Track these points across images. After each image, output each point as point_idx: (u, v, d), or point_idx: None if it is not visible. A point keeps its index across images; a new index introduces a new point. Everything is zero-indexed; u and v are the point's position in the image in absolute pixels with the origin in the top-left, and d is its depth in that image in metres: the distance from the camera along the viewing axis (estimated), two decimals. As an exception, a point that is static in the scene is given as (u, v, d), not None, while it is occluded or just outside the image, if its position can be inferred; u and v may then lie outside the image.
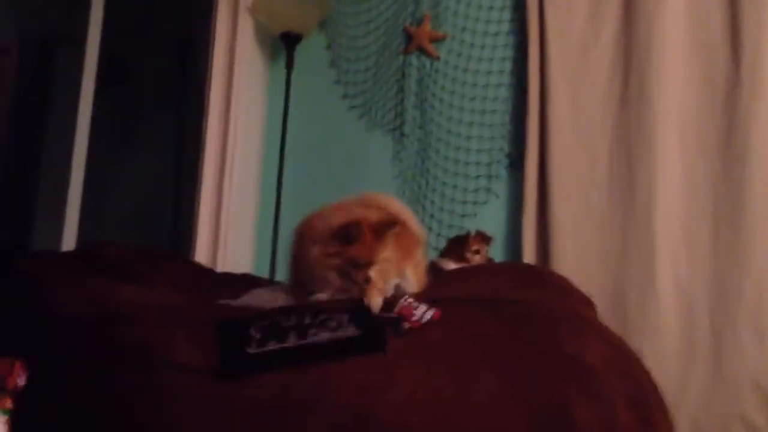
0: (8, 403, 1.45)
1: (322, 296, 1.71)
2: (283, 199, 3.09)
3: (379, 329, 1.57)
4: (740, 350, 2.38)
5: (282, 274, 2.85)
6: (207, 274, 2.36)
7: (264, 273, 2.98)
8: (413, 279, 1.84)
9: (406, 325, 1.57)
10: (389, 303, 1.62)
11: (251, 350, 1.50)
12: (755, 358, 2.37)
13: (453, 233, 2.72)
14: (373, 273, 1.68)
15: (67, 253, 2.20)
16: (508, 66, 2.94)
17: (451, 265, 2.32)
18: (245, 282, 2.27)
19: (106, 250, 1.95)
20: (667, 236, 2.52)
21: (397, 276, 1.78)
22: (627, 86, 2.65)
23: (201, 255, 3.05)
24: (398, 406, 1.47)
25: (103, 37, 2.94)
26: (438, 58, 3.04)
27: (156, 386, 1.49)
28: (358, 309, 1.62)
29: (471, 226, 2.70)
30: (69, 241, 2.75)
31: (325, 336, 1.54)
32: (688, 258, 2.50)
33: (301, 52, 3.20)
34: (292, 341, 1.53)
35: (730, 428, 2.34)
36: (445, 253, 2.45)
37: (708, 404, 2.37)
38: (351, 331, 1.56)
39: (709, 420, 2.35)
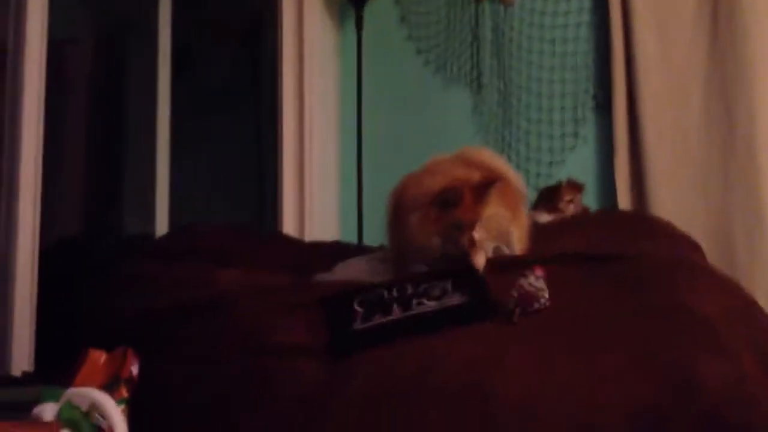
0: (124, 392, 1.47)
1: (422, 268, 1.66)
2: (364, 163, 3.06)
3: (485, 295, 1.53)
4: None
5: (369, 238, 2.86)
6: (300, 247, 2.37)
7: (352, 238, 2.97)
8: (517, 239, 1.76)
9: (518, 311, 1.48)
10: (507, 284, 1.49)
11: (357, 326, 1.49)
12: None
13: (542, 184, 2.64)
14: (477, 234, 1.61)
15: (164, 240, 2.22)
16: (587, 3, 2.81)
17: (544, 218, 2.25)
18: (337, 251, 2.26)
19: (202, 234, 1.97)
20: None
21: (500, 237, 1.70)
22: (717, 16, 2.49)
23: (288, 226, 3.07)
24: (514, 379, 1.43)
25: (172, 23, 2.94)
26: (512, 3, 2.93)
27: (266, 370, 1.49)
28: (461, 275, 1.58)
29: (560, 174, 2.62)
30: (162, 226, 2.80)
31: (430, 306, 1.51)
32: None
33: (369, 11, 3.13)
34: (396, 314, 1.50)
35: None
36: (537, 206, 2.37)
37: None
38: (456, 299, 1.52)
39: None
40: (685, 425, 1.42)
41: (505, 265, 1.66)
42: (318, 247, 2.45)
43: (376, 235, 2.85)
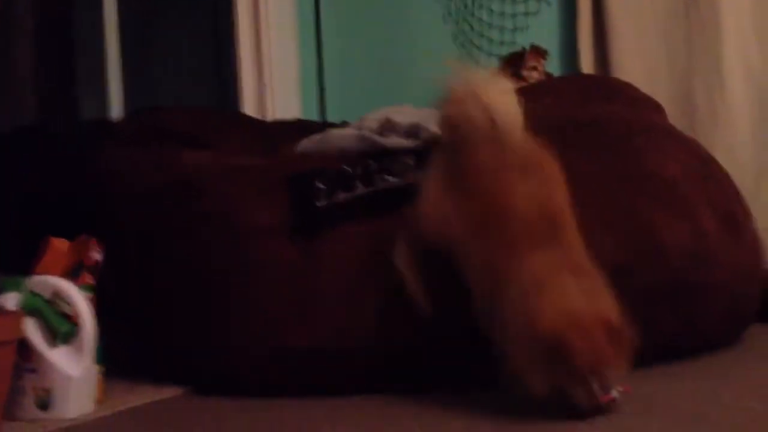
0: (88, 279, 1.47)
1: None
2: (323, 30, 2.98)
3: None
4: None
5: (333, 115, 2.82)
6: (264, 126, 2.32)
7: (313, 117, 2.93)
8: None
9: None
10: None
11: (320, 203, 1.48)
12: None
13: (506, 51, 2.59)
14: None
15: (127, 124, 2.14)
16: None
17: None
18: (301, 129, 2.22)
19: (167, 116, 1.91)
20: (736, 32, 2.35)
21: None
22: None
23: (248, 107, 3.00)
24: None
25: None
26: None
27: (237, 249, 1.50)
28: (423, 151, 1.56)
29: (524, 40, 2.56)
30: (116, 111, 2.72)
31: (393, 182, 1.50)
32: (759, 51, 2.34)
33: None
34: (360, 190, 1.50)
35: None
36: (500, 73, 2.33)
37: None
38: (418, 175, 1.51)
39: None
40: (649, 282, 1.47)
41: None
42: (282, 125, 2.41)
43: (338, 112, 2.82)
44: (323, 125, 2.37)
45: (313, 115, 2.96)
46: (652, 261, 1.48)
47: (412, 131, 1.59)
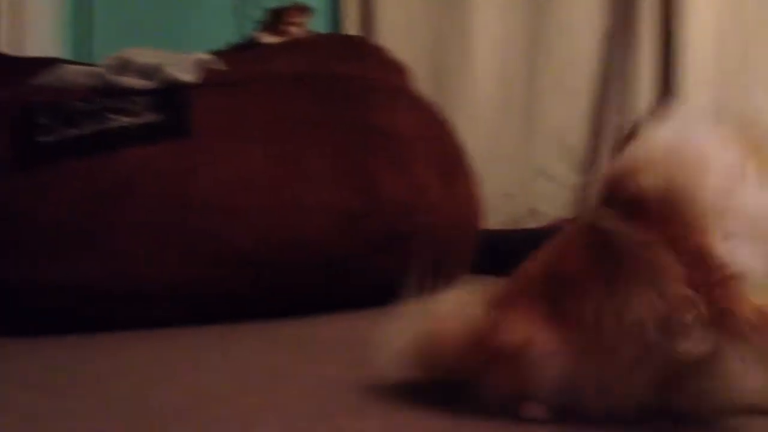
0: None
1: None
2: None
3: (183, 113, 1.54)
4: (547, 111, 2.54)
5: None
6: (14, 62, 2.18)
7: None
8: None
9: None
10: None
11: (42, 139, 1.44)
12: (560, 116, 2.54)
13: (273, 4, 2.61)
14: None
15: None
16: None
17: (268, 39, 2.26)
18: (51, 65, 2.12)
19: None
20: (483, 5, 2.55)
21: None
22: None
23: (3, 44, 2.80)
24: (213, 189, 1.50)
25: None
26: None
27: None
28: (160, 92, 1.57)
29: (297, -3, 2.59)
30: None
31: (124, 121, 1.50)
32: (503, 31, 2.56)
33: None
34: (88, 128, 1.48)
35: (536, 180, 2.56)
36: (262, 27, 2.36)
37: (517, 161, 2.55)
38: (152, 116, 1.52)
39: (518, 176, 2.55)
40: (371, 228, 1.60)
41: (218, 83, 1.67)
42: (33, 61, 2.28)
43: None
44: (80, 64, 2.28)
45: (80, 56, 2.83)
46: (374, 209, 1.60)
47: (149, 72, 1.59)
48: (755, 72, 2.47)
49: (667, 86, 2.48)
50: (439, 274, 0.96)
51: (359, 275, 1.58)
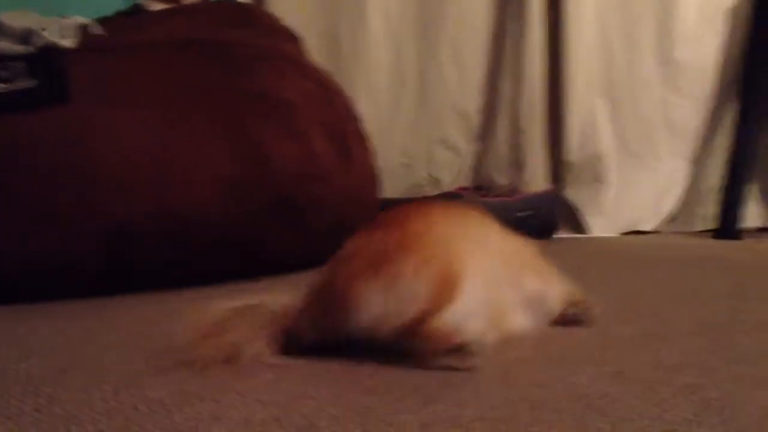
0: None
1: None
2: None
3: (59, 79, 1.48)
4: (443, 80, 2.56)
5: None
6: None
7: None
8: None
9: None
10: None
11: None
12: (455, 85, 2.57)
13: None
14: None
15: None
16: None
17: (156, 6, 2.19)
18: None
19: None
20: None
21: None
22: None
23: None
24: (94, 159, 1.44)
25: None
26: None
27: None
28: (36, 57, 1.50)
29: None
30: None
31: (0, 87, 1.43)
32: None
33: None
34: (-45, 96, 1.40)
35: (433, 150, 2.58)
36: (151, -7, 2.29)
37: (415, 130, 2.57)
38: (27, 82, 1.45)
39: (415, 145, 2.57)
40: (261, 197, 1.57)
41: (99, 49, 1.60)
42: None
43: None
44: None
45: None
46: (263, 178, 1.57)
47: (25, 36, 1.51)
48: (640, 40, 2.57)
49: (557, 54, 2.55)
50: (333, 245, 0.97)
51: (247, 247, 1.56)
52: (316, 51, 2.38)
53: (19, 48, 1.50)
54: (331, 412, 0.75)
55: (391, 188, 2.36)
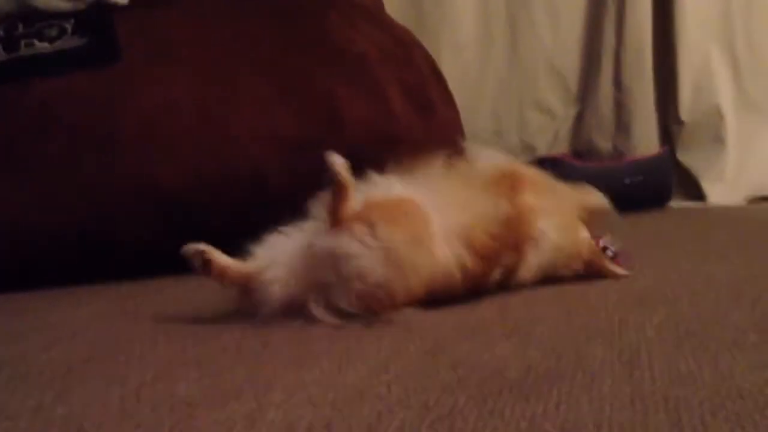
0: None
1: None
2: None
3: (109, 36, 1.34)
4: (535, 34, 2.31)
5: None
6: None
7: None
8: None
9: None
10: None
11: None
12: (549, 40, 2.32)
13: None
14: None
15: None
16: None
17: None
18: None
19: None
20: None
21: None
22: None
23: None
24: (143, 118, 1.30)
25: None
26: None
27: None
28: (83, 15, 1.37)
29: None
30: None
31: (42, 48, 1.30)
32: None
33: None
34: (1, 56, 1.29)
35: (525, 113, 2.35)
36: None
37: (506, 90, 2.34)
38: (75, 40, 1.32)
39: (507, 106, 2.34)
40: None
41: (147, 3, 1.47)
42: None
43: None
44: None
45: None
46: (333, 134, 1.40)
47: (73, -9, 1.39)
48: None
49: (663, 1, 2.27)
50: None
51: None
52: (396, 6, 2.19)
53: (65, 4, 1.38)
54: (399, 416, 0.56)
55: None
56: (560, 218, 1.03)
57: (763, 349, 0.71)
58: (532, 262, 0.99)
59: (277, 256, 0.90)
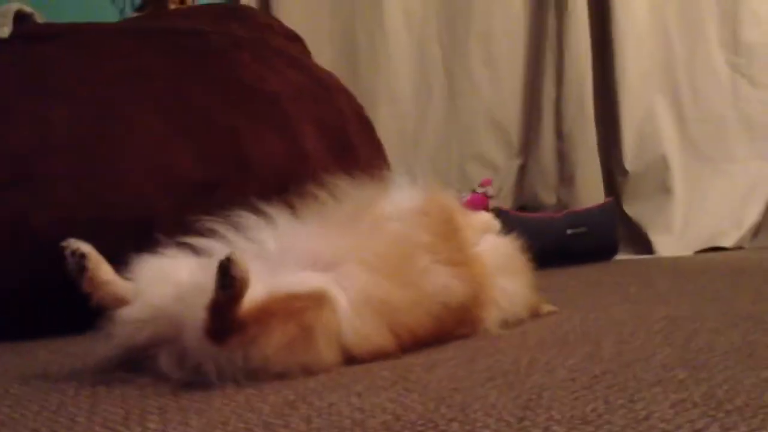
0: None
1: None
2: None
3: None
4: (473, 86, 2.23)
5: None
6: None
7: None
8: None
9: None
10: None
11: None
12: (488, 92, 2.24)
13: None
14: None
15: None
16: None
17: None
18: None
19: None
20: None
21: None
22: None
23: None
24: (16, 158, 1.16)
25: None
26: None
27: None
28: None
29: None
30: None
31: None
32: (419, 5, 2.25)
33: None
34: None
35: (467, 166, 2.25)
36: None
37: (445, 144, 2.24)
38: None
39: (447, 159, 2.24)
40: (234, 199, 1.26)
41: (31, 36, 1.34)
42: None
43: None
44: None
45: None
46: (236, 175, 1.27)
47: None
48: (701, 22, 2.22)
49: (605, 43, 2.21)
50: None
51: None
52: (329, 58, 2.10)
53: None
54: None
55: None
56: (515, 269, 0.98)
57: (688, 385, 0.58)
58: (494, 321, 0.91)
59: (151, 294, 0.80)
